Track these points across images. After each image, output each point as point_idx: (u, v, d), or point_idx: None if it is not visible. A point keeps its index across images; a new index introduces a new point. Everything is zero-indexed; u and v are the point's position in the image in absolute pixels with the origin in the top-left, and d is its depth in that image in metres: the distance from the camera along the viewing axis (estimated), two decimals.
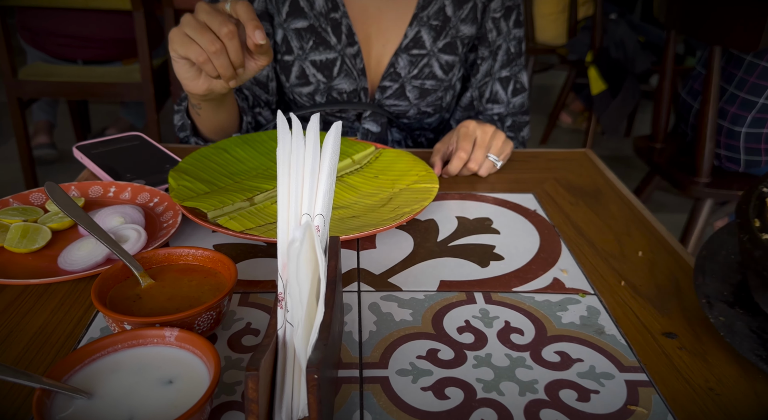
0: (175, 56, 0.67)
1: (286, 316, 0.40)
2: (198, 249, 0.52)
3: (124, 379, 0.39)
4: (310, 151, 0.43)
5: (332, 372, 0.44)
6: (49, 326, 0.50)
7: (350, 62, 0.88)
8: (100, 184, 0.69)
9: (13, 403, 0.42)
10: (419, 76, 0.89)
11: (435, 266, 0.61)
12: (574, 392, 0.45)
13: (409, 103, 0.92)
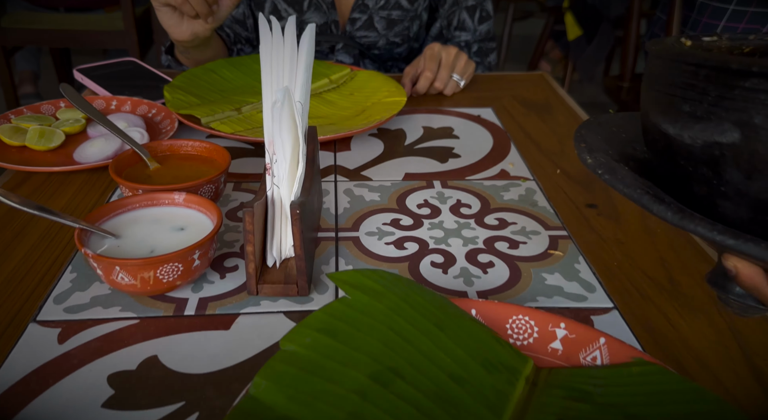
0: (157, 5, 0.75)
1: (273, 180, 0.49)
2: (196, 141, 0.61)
3: (144, 227, 0.49)
4: (288, 48, 0.51)
5: (312, 233, 0.54)
6: (71, 206, 0.59)
7: None
8: (103, 98, 0.77)
9: (59, 245, 0.52)
10: (386, 7, 0.97)
11: (401, 163, 0.71)
12: (506, 243, 0.56)
13: (378, 34, 0.99)
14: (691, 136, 0.32)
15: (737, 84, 0.29)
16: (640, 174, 0.37)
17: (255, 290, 0.48)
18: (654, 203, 0.32)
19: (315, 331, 0.38)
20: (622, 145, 0.42)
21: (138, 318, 0.45)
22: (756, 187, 0.30)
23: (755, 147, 0.29)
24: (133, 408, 0.37)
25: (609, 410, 0.35)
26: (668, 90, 0.34)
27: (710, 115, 0.31)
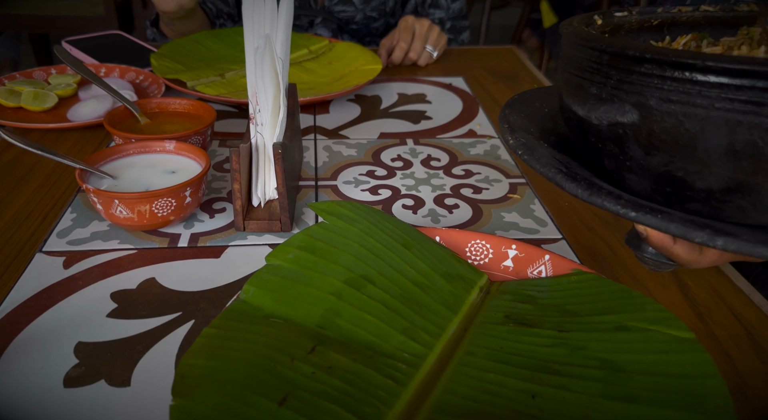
0: None
1: (257, 128, 0.54)
2: (183, 99, 0.65)
3: (139, 170, 0.53)
4: (269, 7, 0.56)
5: (294, 182, 0.59)
6: None
7: None
8: (92, 65, 0.81)
9: (59, 189, 0.56)
10: None
11: (377, 124, 0.76)
12: (471, 189, 0.61)
13: (356, 8, 1.04)
14: (597, 116, 0.34)
15: (634, 69, 0.31)
16: (560, 148, 0.40)
17: (242, 226, 0.52)
18: (566, 181, 0.34)
19: (296, 248, 0.43)
20: (545, 120, 0.43)
21: (135, 249, 0.50)
22: (655, 162, 0.32)
23: (651, 126, 0.31)
24: (135, 317, 0.42)
25: (549, 308, 0.41)
26: (578, 72, 0.36)
27: (613, 97, 0.33)
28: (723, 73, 0.28)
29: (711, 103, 0.28)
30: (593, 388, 0.34)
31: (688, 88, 0.29)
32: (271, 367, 0.33)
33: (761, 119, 0.27)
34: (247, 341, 0.35)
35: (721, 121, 0.28)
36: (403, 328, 0.38)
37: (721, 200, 0.31)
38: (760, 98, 0.27)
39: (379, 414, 0.32)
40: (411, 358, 0.37)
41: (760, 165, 0.29)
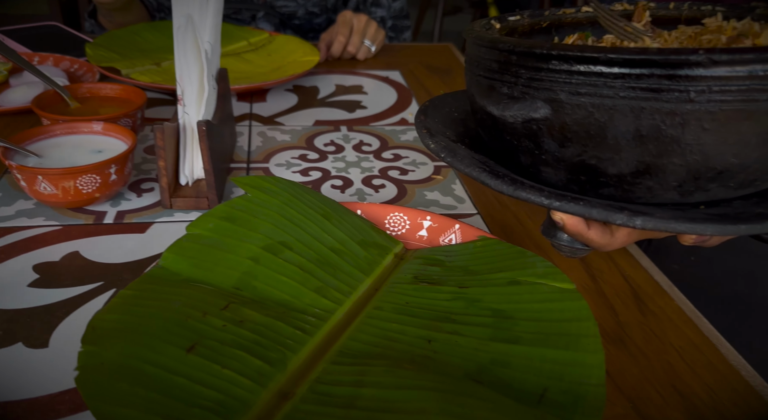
0: None
1: (184, 109, 0.55)
2: (114, 84, 0.66)
3: (65, 150, 0.54)
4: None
5: (225, 164, 0.60)
6: None
7: None
8: (25, 54, 0.80)
9: None
10: None
11: (313, 112, 0.78)
12: (398, 171, 0.64)
13: (297, 3, 1.06)
14: (511, 114, 0.36)
15: (542, 66, 0.33)
16: (476, 150, 0.41)
17: (169, 203, 0.54)
18: (491, 179, 0.36)
19: (217, 218, 0.44)
20: (457, 124, 0.46)
21: (61, 225, 0.50)
22: (569, 153, 0.35)
23: (563, 119, 0.33)
24: (56, 287, 0.43)
25: (454, 270, 0.44)
26: (488, 74, 0.37)
27: (524, 95, 0.35)
28: (624, 64, 0.30)
29: (616, 92, 0.31)
30: (483, 332, 0.37)
31: (594, 81, 0.31)
32: (183, 320, 0.35)
33: (661, 104, 0.30)
34: (162, 300, 0.37)
35: (626, 108, 0.31)
36: (316, 288, 0.41)
37: (631, 183, 0.34)
38: (659, 85, 0.30)
39: (284, 359, 0.34)
40: (321, 312, 0.39)
41: (663, 146, 0.31)
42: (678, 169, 0.32)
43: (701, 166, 0.32)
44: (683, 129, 0.30)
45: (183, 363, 0.32)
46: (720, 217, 0.33)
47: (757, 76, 0.29)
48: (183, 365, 0.32)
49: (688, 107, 0.30)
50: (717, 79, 0.29)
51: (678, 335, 0.41)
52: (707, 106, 0.30)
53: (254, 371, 0.33)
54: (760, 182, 0.34)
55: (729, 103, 0.29)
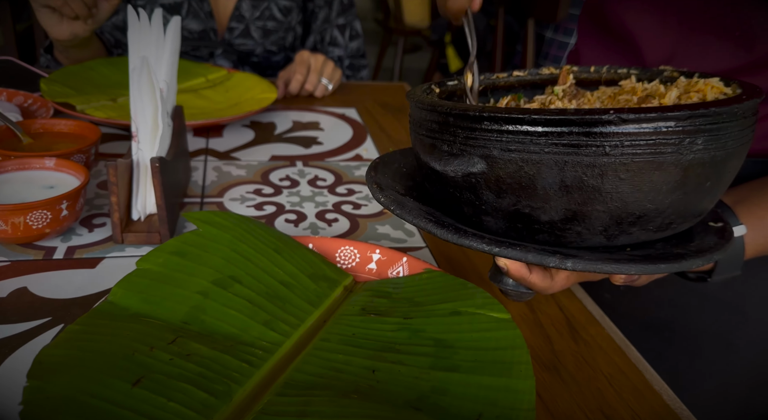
0: (37, 6, 0.80)
1: (138, 145, 0.57)
2: (69, 120, 0.67)
3: (16, 186, 0.54)
4: (154, 34, 0.59)
5: (178, 198, 0.61)
6: None
7: (197, 5, 1.03)
8: None
9: None
10: (261, 18, 1.07)
11: (269, 148, 0.80)
12: (351, 205, 0.66)
13: (255, 42, 1.09)
14: (452, 170, 0.39)
15: (476, 126, 0.36)
16: (423, 202, 0.45)
17: (120, 238, 0.54)
18: (436, 229, 0.39)
19: (167, 253, 0.45)
20: (405, 178, 0.49)
21: (9, 261, 0.50)
22: (505, 203, 0.38)
23: (498, 173, 0.36)
24: (2, 323, 0.43)
25: (400, 301, 0.46)
26: (429, 134, 0.40)
27: (463, 152, 0.38)
28: (546, 124, 0.34)
29: (541, 148, 0.34)
30: (425, 361, 0.39)
31: (522, 138, 0.35)
32: (130, 354, 0.36)
33: (581, 158, 0.33)
34: (109, 335, 0.38)
35: (551, 162, 0.34)
36: (264, 321, 0.42)
37: (562, 229, 0.37)
38: (578, 141, 0.33)
39: (230, 391, 0.35)
40: (269, 345, 0.40)
41: (587, 195, 0.35)
42: (601, 215, 0.36)
43: (622, 211, 0.35)
44: (602, 179, 0.34)
45: (129, 396, 0.33)
46: (642, 258, 0.36)
47: (662, 132, 0.32)
48: (129, 399, 0.33)
49: (605, 160, 0.33)
50: (627, 135, 0.32)
51: (607, 362, 0.44)
52: (621, 158, 0.33)
53: (199, 404, 0.34)
54: (676, 225, 0.38)
55: (639, 155, 0.33)
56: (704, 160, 0.34)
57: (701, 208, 0.38)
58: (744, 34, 0.51)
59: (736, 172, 0.38)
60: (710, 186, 0.36)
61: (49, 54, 0.98)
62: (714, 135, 0.34)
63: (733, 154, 0.36)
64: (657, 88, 0.41)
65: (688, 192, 0.35)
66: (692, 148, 0.33)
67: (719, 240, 0.40)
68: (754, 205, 0.48)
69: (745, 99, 0.35)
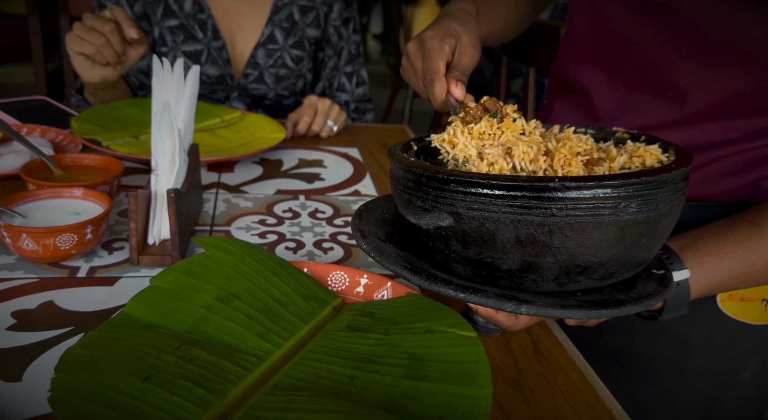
0: (72, 53, 0.89)
1: (157, 178, 0.64)
2: (95, 155, 0.74)
3: (47, 212, 0.61)
4: (176, 80, 0.67)
5: (190, 226, 0.68)
6: None
7: (216, 53, 1.13)
8: (15, 125, 0.88)
9: None
10: (275, 66, 1.16)
11: (276, 182, 0.87)
12: (346, 236, 0.72)
13: (268, 87, 1.18)
14: (425, 223, 0.44)
15: (445, 187, 0.42)
16: (403, 246, 0.50)
17: (137, 260, 0.61)
18: (410, 275, 0.44)
19: (177, 273, 0.52)
20: (387, 224, 0.54)
21: (38, 278, 0.57)
22: (470, 253, 0.42)
23: (463, 227, 0.41)
24: (31, 330, 0.49)
25: (382, 320, 0.51)
26: (406, 190, 0.46)
27: (434, 208, 0.43)
28: (502, 188, 0.39)
29: (499, 209, 0.39)
30: (398, 372, 0.44)
31: (482, 199, 0.40)
32: (141, 356, 0.42)
33: (532, 218, 0.38)
34: (124, 340, 0.44)
35: (507, 220, 0.39)
36: (259, 333, 0.48)
37: (519, 276, 0.42)
38: (529, 204, 0.38)
39: (225, 390, 0.41)
40: (261, 353, 0.46)
41: (538, 249, 0.40)
42: (552, 266, 0.40)
43: (569, 263, 0.40)
44: (551, 236, 0.39)
45: (139, 390, 0.39)
46: (588, 304, 0.41)
47: (600, 198, 0.38)
48: (139, 392, 0.39)
49: (552, 220, 0.38)
50: (571, 200, 0.38)
51: (566, 381, 0.49)
52: (566, 219, 0.38)
53: (198, 399, 0.39)
54: (618, 274, 0.43)
55: (581, 216, 0.38)
56: (639, 221, 0.39)
57: (640, 259, 0.43)
58: (676, 95, 0.58)
59: (672, 227, 0.44)
60: (646, 242, 0.41)
61: (80, 94, 1.07)
62: (646, 199, 0.39)
63: (666, 214, 0.41)
64: (610, 151, 0.47)
65: (626, 247, 0.40)
66: (627, 211, 0.38)
67: (658, 287, 0.45)
68: (698, 250, 0.53)
69: (674, 168, 0.40)
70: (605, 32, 0.63)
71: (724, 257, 0.52)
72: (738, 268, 0.52)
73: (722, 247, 0.53)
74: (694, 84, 0.57)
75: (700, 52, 0.55)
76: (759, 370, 0.66)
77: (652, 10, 0.57)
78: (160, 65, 0.66)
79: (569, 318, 0.40)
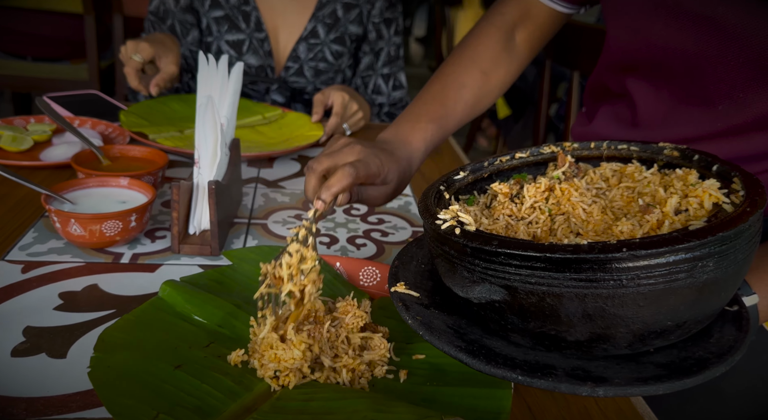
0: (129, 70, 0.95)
1: (199, 171, 0.66)
2: (142, 147, 0.77)
3: (95, 199, 0.64)
4: (219, 76, 0.69)
5: (229, 218, 0.70)
6: (33, 193, 0.73)
7: (257, 44, 1.15)
8: (68, 117, 0.93)
9: (25, 213, 0.66)
10: (314, 59, 1.18)
11: None
12: (379, 233, 0.73)
13: (307, 80, 1.20)
14: (475, 296, 0.39)
15: (493, 259, 0.37)
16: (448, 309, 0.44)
17: (178, 249, 0.63)
18: (468, 358, 0.38)
19: (206, 279, 0.54)
20: (426, 279, 0.48)
21: (84, 262, 0.59)
22: (531, 326, 0.38)
23: (520, 302, 0.37)
24: (76, 311, 0.51)
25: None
26: (448, 257, 0.40)
27: (483, 280, 0.38)
28: (562, 262, 0.34)
29: (561, 282, 0.35)
30: (418, 380, 0.44)
31: (540, 274, 0.35)
32: (173, 347, 0.43)
33: (600, 291, 0.34)
34: (157, 329, 0.45)
35: (572, 294, 0.35)
36: None
37: (588, 346, 0.38)
38: (595, 276, 0.34)
39: (252, 384, 0.42)
40: None
41: (609, 321, 0.36)
42: (625, 335, 0.37)
43: (644, 331, 0.37)
44: (623, 308, 0.35)
45: (171, 375, 0.40)
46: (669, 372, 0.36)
47: (672, 262, 0.34)
48: (171, 377, 0.40)
49: (623, 291, 0.34)
50: (641, 268, 0.34)
51: None
52: (638, 289, 0.34)
53: (226, 389, 0.41)
54: (695, 329, 0.39)
55: (654, 285, 0.34)
56: (717, 278, 0.35)
57: (717, 311, 0.40)
58: (726, 107, 0.56)
59: (749, 267, 0.39)
60: (725, 295, 0.38)
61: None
62: (724, 254, 0.35)
63: (745, 262, 0.37)
64: (657, 192, 0.43)
65: (704, 305, 0.37)
66: (705, 270, 0.34)
67: (737, 332, 0.40)
68: (765, 272, 0.50)
69: (749, 212, 0.35)
70: (646, 44, 0.62)
71: None
72: None
73: None
74: (745, 96, 0.55)
75: (748, 64, 0.54)
76: None
77: (694, 22, 0.56)
78: (205, 61, 0.69)
79: (652, 394, 0.37)
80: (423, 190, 0.57)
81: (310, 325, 0.45)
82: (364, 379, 0.44)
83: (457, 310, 0.44)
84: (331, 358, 0.44)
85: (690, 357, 0.38)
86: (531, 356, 0.38)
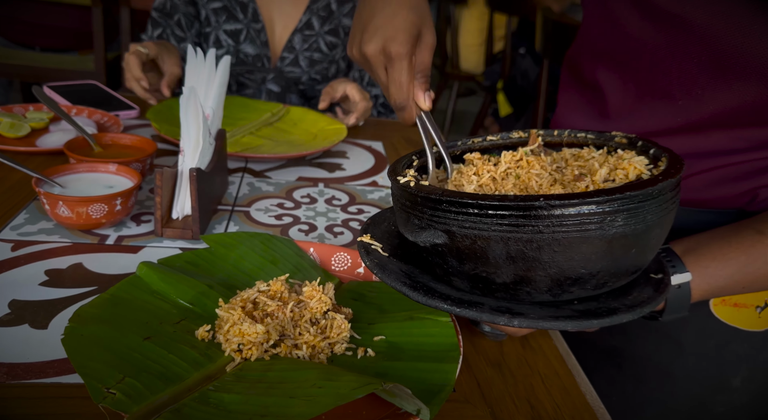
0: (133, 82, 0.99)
1: (184, 158, 0.69)
2: (133, 135, 0.80)
3: (84, 183, 0.67)
4: (207, 69, 0.72)
5: (213, 205, 0.73)
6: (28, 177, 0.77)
7: (254, 34, 1.19)
8: (65, 106, 0.96)
9: (19, 196, 0.69)
10: (309, 50, 1.22)
11: (299, 170, 0.92)
12: (357, 222, 0.76)
13: (302, 70, 1.23)
14: (422, 240, 0.45)
15: (438, 207, 0.43)
16: (408, 259, 0.50)
17: (160, 232, 0.66)
18: (409, 291, 0.44)
19: (183, 261, 0.56)
20: (393, 237, 0.55)
21: (71, 242, 0.63)
22: (466, 268, 0.43)
23: (457, 244, 0.42)
24: (60, 287, 0.55)
25: (371, 306, 0.54)
26: (404, 208, 0.47)
27: (429, 226, 0.44)
28: (490, 208, 0.40)
29: (489, 227, 0.40)
30: (376, 357, 0.47)
31: (473, 219, 0.41)
32: (144, 322, 0.46)
33: (521, 235, 0.39)
34: (132, 304, 0.48)
35: (498, 238, 0.40)
36: None
37: (514, 289, 0.43)
38: (517, 222, 0.39)
39: (215, 356, 0.45)
40: None
41: (529, 264, 0.40)
42: (544, 279, 0.41)
43: (560, 276, 0.41)
44: (540, 251, 0.40)
45: (139, 345, 0.43)
46: (580, 314, 0.41)
47: (585, 214, 0.38)
48: (139, 346, 0.44)
49: (540, 236, 0.39)
50: (556, 217, 0.38)
51: (546, 365, 0.51)
52: (553, 235, 0.39)
53: (191, 360, 0.44)
54: (611, 283, 0.43)
55: (568, 232, 0.39)
56: (626, 233, 0.39)
57: (633, 268, 0.43)
58: (686, 103, 0.59)
59: (664, 236, 0.44)
60: (636, 252, 0.42)
61: None
62: (632, 213, 0.39)
63: (655, 225, 0.41)
64: (592, 165, 0.47)
65: (616, 258, 0.41)
66: (613, 225, 0.39)
67: (654, 293, 0.45)
68: (701, 255, 0.54)
69: (660, 180, 0.40)
70: (619, 36, 0.64)
71: (728, 263, 0.53)
72: (741, 274, 0.53)
73: (726, 253, 0.53)
74: (704, 93, 0.57)
75: (711, 63, 0.56)
76: (750, 376, 0.65)
77: (666, 20, 0.58)
78: (194, 54, 0.72)
79: (561, 329, 0.40)
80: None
81: (275, 304, 0.49)
82: (323, 355, 0.47)
83: (413, 262, 0.50)
84: (295, 335, 0.48)
85: (605, 307, 0.43)
86: (467, 297, 0.44)
